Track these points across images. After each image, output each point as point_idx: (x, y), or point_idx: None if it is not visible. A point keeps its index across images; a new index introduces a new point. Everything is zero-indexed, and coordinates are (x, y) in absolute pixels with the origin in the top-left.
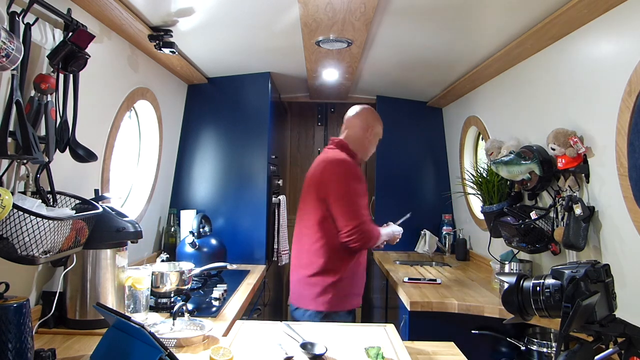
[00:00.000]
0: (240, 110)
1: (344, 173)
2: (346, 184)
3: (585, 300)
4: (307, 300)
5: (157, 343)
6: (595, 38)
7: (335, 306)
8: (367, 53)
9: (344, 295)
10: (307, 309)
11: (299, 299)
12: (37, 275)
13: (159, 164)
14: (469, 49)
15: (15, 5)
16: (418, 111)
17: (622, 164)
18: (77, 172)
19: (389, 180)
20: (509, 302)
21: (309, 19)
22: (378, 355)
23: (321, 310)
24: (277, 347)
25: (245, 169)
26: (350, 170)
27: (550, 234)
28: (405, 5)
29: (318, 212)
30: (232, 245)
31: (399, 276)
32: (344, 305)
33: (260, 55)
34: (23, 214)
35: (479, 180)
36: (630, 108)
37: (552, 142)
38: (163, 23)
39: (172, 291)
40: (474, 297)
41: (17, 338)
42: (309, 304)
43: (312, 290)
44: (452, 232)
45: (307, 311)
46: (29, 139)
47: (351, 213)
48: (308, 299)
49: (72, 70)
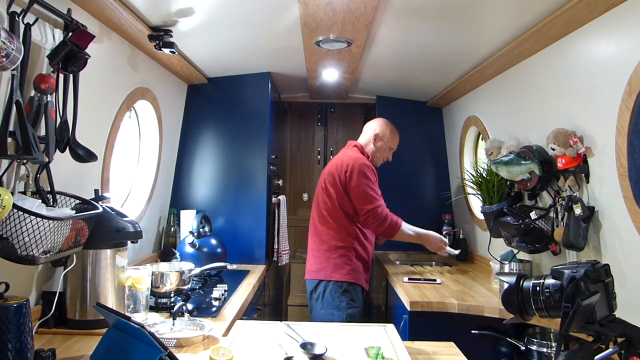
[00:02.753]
0: (240, 110)
1: (359, 168)
2: (360, 176)
3: (585, 300)
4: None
5: (157, 343)
6: (595, 38)
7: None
8: (367, 53)
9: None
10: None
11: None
12: (37, 275)
13: (159, 164)
14: (469, 49)
15: (15, 5)
16: (418, 111)
17: (622, 164)
18: (77, 172)
19: (389, 180)
20: (509, 302)
21: (309, 19)
22: (378, 355)
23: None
24: (277, 347)
25: (245, 169)
26: (363, 167)
27: (550, 234)
28: (405, 5)
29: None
30: (232, 245)
31: (399, 276)
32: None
33: (260, 55)
34: (23, 214)
35: (479, 180)
36: (630, 108)
37: (552, 142)
38: (163, 23)
39: (172, 291)
40: (474, 297)
41: (17, 338)
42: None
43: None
44: (452, 232)
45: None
46: (29, 139)
47: (366, 198)
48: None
49: (72, 70)
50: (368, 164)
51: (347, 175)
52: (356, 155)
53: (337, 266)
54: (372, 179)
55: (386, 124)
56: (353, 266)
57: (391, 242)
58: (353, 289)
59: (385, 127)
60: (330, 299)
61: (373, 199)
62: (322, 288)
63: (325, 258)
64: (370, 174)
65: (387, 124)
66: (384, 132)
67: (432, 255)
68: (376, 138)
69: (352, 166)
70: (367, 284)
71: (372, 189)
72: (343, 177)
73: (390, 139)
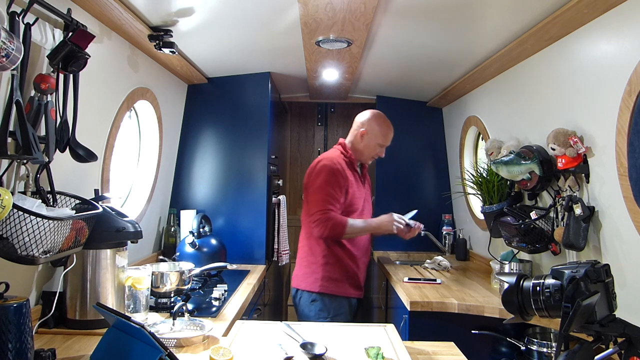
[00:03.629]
0: (240, 110)
1: (317, 171)
2: (315, 179)
3: (585, 300)
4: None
5: (157, 343)
6: (595, 38)
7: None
8: (367, 53)
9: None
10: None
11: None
12: (37, 275)
13: (159, 164)
14: (469, 49)
15: (15, 5)
16: (418, 111)
17: (622, 164)
18: (77, 172)
19: (389, 180)
20: (509, 302)
21: (309, 19)
22: (378, 355)
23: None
24: (277, 347)
25: (245, 169)
26: (322, 169)
27: (550, 234)
28: (405, 5)
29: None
30: (232, 245)
31: (399, 276)
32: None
33: (260, 55)
34: (23, 214)
35: (479, 180)
36: (630, 108)
37: (552, 142)
38: (163, 23)
39: (172, 291)
40: (474, 297)
41: (17, 338)
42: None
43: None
44: (452, 232)
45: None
46: (29, 139)
47: (313, 203)
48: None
49: (72, 70)
50: (331, 164)
51: (310, 178)
52: (330, 155)
53: (307, 275)
54: (330, 180)
55: (375, 119)
56: (324, 274)
57: (391, 243)
58: (323, 299)
59: (373, 123)
60: (302, 307)
61: (317, 203)
62: (298, 296)
63: (299, 265)
64: (328, 176)
65: (377, 119)
66: (371, 127)
67: (432, 255)
68: (363, 135)
69: (315, 168)
70: (356, 290)
71: (326, 191)
72: (306, 180)
73: (379, 135)
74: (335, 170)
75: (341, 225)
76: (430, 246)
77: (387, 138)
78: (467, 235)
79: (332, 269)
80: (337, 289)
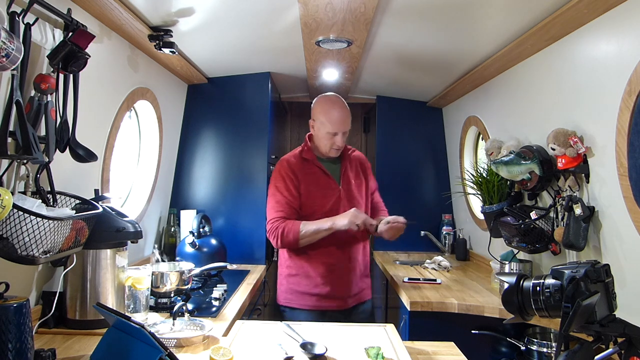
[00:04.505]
0: (240, 110)
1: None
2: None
3: (585, 300)
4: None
5: (157, 343)
6: (595, 38)
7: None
8: (367, 53)
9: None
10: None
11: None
12: (37, 275)
13: (159, 164)
14: (469, 49)
15: (15, 5)
16: (418, 111)
17: (622, 164)
18: (77, 172)
19: (389, 180)
20: (509, 302)
21: (309, 19)
22: (378, 355)
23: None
24: (277, 347)
25: (245, 169)
26: (272, 173)
27: (550, 234)
28: (405, 5)
29: None
30: (232, 245)
31: (399, 276)
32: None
33: (260, 55)
34: (23, 214)
35: (479, 180)
36: (630, 108)
37: (552, 142)
38: (163, 23)
39: (172, 291)
40: (474, 297)
41: (17, 338)
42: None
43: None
44: (452, 232)
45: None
46: (29, 139)
47: (267, 212)
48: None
49: (72, 70)
50: (278, 165)
51: None
52: (290, 152)
53: (278, 286)
54: (276, 184)
55: (319, 105)
56: (289, 287)
57: (391, 242)
58: (287, 313)
59: (317, 111)
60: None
61: (268, 212)
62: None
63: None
64: (274, 180)
65: (321, 105)
66: (317, 117)
67: (432, 255)
68: (312, 126)
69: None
70: (330, 301)
71: (274, 198)
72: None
73: (325, 123)
74: (280, 171)
75: (293, 232)
76: (430, 246)
77: (335, 125)
78: (467, 235)
79: (300, 279)
80: (296, 301)
